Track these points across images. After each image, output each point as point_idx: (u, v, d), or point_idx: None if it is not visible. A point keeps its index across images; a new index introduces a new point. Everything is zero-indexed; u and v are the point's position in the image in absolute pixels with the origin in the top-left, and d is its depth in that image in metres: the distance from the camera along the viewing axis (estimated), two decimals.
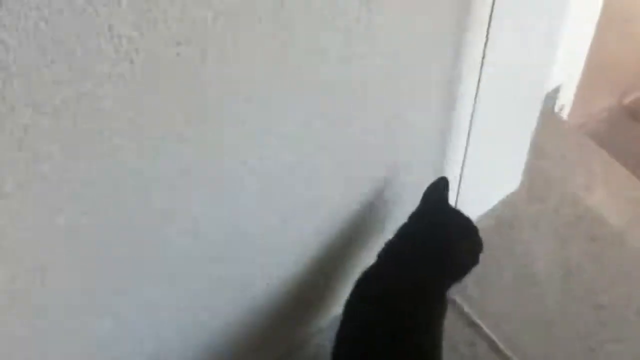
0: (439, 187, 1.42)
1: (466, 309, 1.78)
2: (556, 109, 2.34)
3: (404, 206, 1.44)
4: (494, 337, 1.74)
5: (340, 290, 1.56)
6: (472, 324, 1.77)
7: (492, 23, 1.28)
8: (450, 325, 1.72)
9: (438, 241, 1.36)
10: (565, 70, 2.20)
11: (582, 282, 1.85)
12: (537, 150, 2.13)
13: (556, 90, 2.28)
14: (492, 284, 1.84)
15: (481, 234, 1.89)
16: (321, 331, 1.70)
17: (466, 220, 1.43)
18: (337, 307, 1.50)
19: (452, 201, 1.67)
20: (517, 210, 1.99)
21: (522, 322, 1.79)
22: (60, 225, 0.92)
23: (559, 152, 2.19)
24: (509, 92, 1.56)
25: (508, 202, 2.00)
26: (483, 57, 1.35)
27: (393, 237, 1.40)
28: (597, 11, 2.10)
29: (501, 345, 1.73)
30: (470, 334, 1.76)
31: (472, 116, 1.47)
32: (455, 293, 1.79)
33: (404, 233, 1.39)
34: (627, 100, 2.66)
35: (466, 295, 1.80)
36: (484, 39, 1.31)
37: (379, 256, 1.40)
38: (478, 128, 1.50)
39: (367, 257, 1.43)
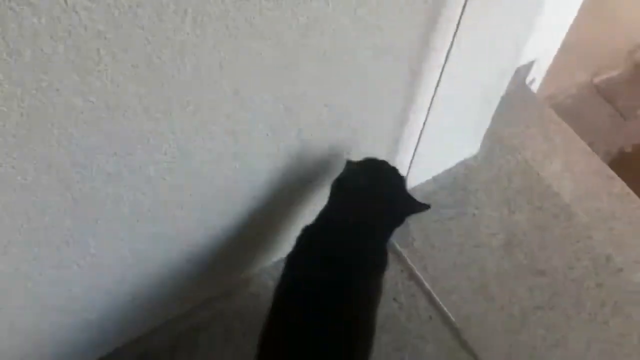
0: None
1: (410, 262, 1.84)
2: (527, 82, 2.39)
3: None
4: (432, 291, 1.80)
5: (283, 239, 1.63)
6: (414, 277, 1.83)
7: None
8: (394, 276, 1.80)
9: (372, 193, 1.38)
10: (541, 45, 2.24)
11: (525, 249, 1.91)
12: (502, 119, 2.18)
13: (529, 64, 2.32)
14: (439, 241, 1.90)
15: (435, 192, 1.97)
16: (265, 271, 1.76)
17: (394, 171, 1.44)
18: (280, 253, 1.54)
19: (409, 159, 1.72)
20: (472, 173, 2.04)
21: (462, 280, 1.85)
22: None
23: (523, 122, 2.25)
24: (479, 61, 1.59)
25: (466, 165, 2.05)
26: (458, 24, 1.37)
27: (329, 198, 1.42)
28: None
29: (438, 301, 1.79)
30: (411, 286, 1.82)
31: (438, 80, 1.49)
32: (402, 246, 1.86)
33: (338, 192, 1.41)
34: (597, 80, 2.71)
35: (412, 248, 1.87)
36: (461, 6, 1.33)
37: (319, 216, 1.42)
38: (443, 92, 1.53)
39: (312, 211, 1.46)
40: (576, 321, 1.80)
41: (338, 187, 1.40)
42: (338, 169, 1.42)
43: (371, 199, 1.37)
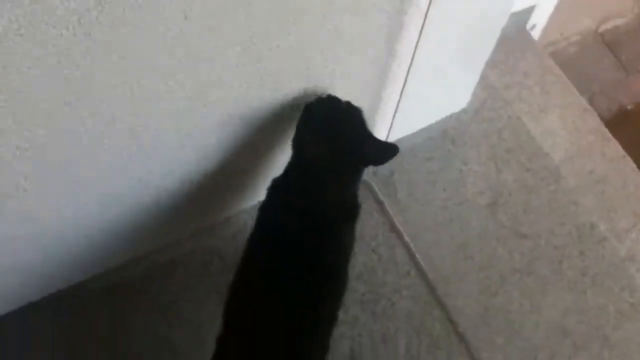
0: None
1: (392, 213, 1.79)
2: (527, 27, 2.30)
3: None
4: (412, 245, 1.77)
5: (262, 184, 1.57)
6: (394, 229, 1.79)
7: None
8: (375, 226, 1.76)
9: (332, 137, 1.31)
10: None
11: (509, 210, 1.86)
12: (498, 67, 2.11)
13: (530, 9, 2.23)
14: (422, 194, 1.85)
15: (422, 145, 1.91)
16: (246, 212, 1.72)
17: (355, 111, 1.37)
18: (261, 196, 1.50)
19: (393, 109, 1.66)
20: (462, 126, 1.97)
21: (443, 236, 1.81)
22: None
23: (520, 71, 2.16)
24: (466, 7, 1.50)
25: (456, 118, 1.98)
26: None
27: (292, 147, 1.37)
28: None
29: (417, 256, 1.76)
30: (391, 238, 1.78)
31: (421, 29, 1.41)
32: (384, 196, 1.81)
33: (298, 139, 1.36)
34: (602, 28, 2.61)
35: (395, 199, 1.82)
36: None
37: (287, 166, 1.37)
38: (428, 40, 1.44)
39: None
40: (554, 288, 1.78)
41: (298, 135, 1.35)
42: None
43: (332, 142, 1.30)
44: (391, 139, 1.80)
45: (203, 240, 1.68)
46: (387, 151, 1.33)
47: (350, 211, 1.35)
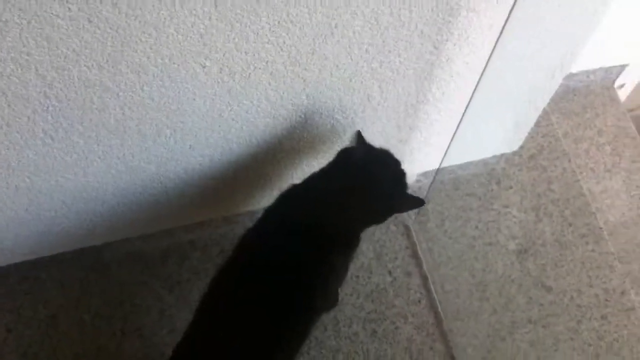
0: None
1: (417, 240, 1.80)
2: (616, 85, 2.24)
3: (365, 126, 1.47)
4: (429, 275, 1.77)
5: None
6: (415, 256, 1.79)
7: None
8: (397, 250, 1.78)
9: (369, 176, 1.32)
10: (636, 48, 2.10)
11: (539, 261, 1.83)
12: (569, 118, 2.07)
13: (621, 67, 2.18)
14: (453, 228, 1.85)
15: (467, 179, 1.90)
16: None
17: (397, 165, 1.38)
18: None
19: (446, 142, 1.68)
20: (511, 169, 1.95)
21: (463, 273, 1.81)
22: None
23: (595, 127, 2.12)
24: (525, 62, 1.51)
25: (506, 159, 1.97)
26: (504, 25, 1.32)
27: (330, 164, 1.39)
28: None
29: (432, 286, 1.76)
30: (410, 264, 1.79)
31: (483, 71, 1.44)
32: (414, 222, 1.82)
33: (339, 161, 1.37)
34: None
35: (424, 227, 1.83)
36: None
37: (309, 177, 1.40)
38: (489, 79, 1.48)
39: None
40: (566, 346, 1.73)
41: (342, 156, 1.37)
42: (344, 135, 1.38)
43: (364, 188, 1.32)
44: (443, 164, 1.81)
45: (224, 228, 1.76)
46: (412, 204, 1.35)
47: (349, 243, 1.37)
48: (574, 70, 2.08)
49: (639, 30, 2.00)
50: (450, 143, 1.70)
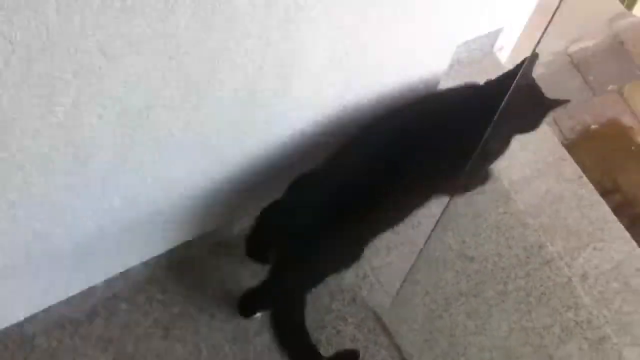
0: None
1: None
2: (495, 49, 2.33)
3: None
4: (362, 271, 1.80)
5: None
6: None
7: None
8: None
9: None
10: (511, 12, 2.18)
11: (457, 234, 1.90)
12: None
13: (496, 32, 2.26)
14: None
15: None
16: None
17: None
18: None
19: None
20: None
21: (391, 268, 1.85)
22: None
23: None
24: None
25: None
26: None
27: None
28: None
29: (363, 284, 1.80)
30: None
31: None
32: None
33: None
34: (572, 49, 2.63)
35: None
36: None
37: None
38: None
39: None
40: (499, 309, 1.81)
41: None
42: None
43: None
44: None
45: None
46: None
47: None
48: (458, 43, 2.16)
49: None
50: None
